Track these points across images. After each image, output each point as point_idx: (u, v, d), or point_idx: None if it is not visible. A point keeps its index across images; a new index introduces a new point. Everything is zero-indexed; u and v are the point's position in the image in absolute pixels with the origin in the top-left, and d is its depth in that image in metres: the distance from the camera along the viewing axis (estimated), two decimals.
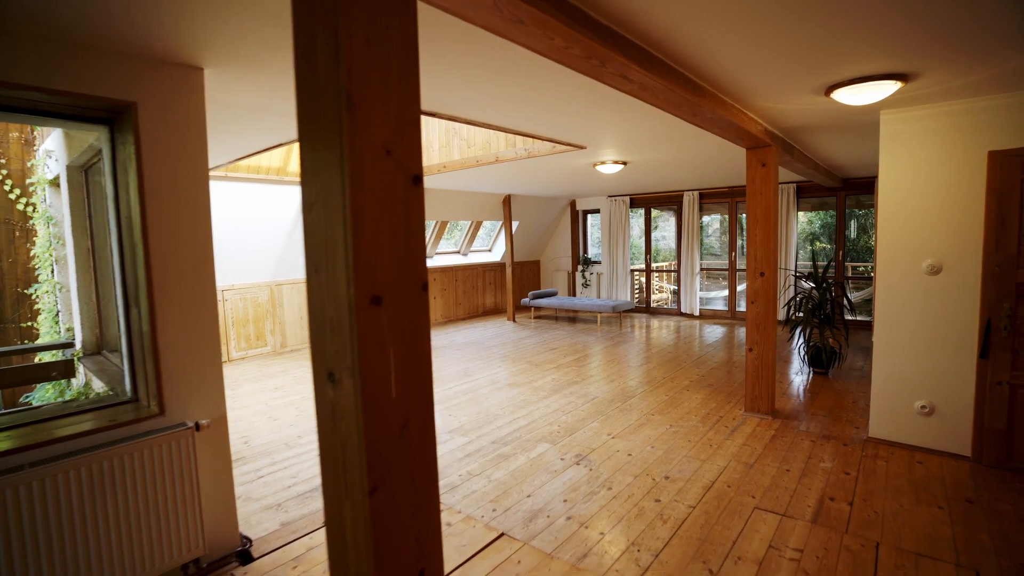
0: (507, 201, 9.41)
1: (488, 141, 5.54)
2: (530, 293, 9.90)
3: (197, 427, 2.36)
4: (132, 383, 2.40)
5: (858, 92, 2.83)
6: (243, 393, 5.45)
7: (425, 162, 6.18)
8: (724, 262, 10.00)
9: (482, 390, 5.34)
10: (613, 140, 4.55)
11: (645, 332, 8.46)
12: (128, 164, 2.23)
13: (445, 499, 3.14)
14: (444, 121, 5.87)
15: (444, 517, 3.02)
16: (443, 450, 3.85)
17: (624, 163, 5.87)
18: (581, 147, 4.79)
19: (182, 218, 2.30)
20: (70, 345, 3.48)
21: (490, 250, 11.02)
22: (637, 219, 10.58)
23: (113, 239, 2.38)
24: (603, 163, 5.83)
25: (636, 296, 10.77)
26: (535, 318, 10.01)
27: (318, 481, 3.43)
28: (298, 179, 6.52)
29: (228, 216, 6.12)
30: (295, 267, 7.23)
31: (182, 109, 2.29)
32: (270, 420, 4.65)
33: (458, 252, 10.36)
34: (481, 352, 7.14)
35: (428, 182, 7.03)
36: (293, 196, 6.56)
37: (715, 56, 2.38)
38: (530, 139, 5.08)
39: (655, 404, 4.75)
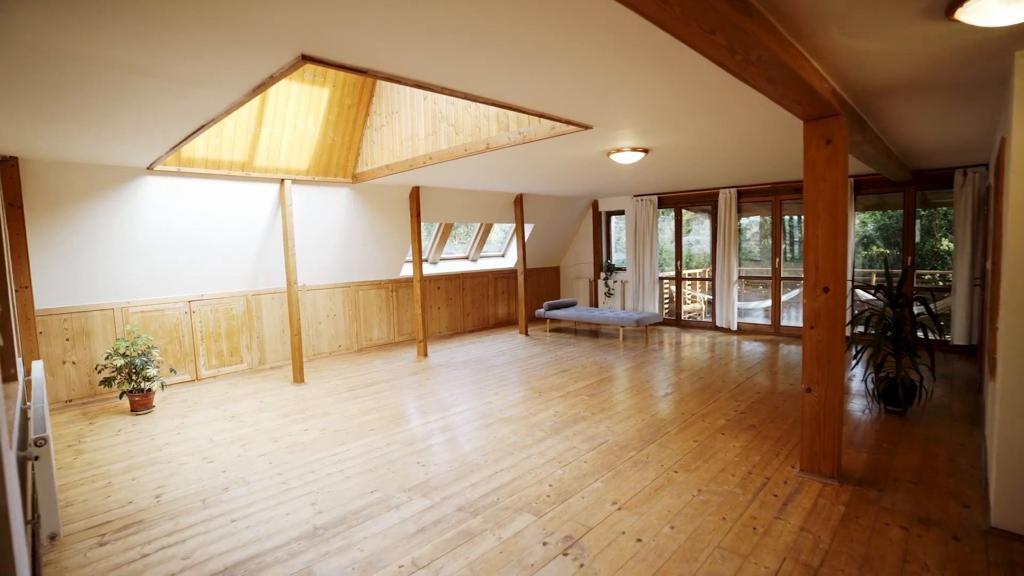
0: (519, 201, 8.47)
1: (477, 125, 4.62)
2: (545, 303, 8.91)
3: None
4: None
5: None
6: (193, 422, 4.66)
7: (410, 153, 5.30)
8: (766, 269, 8.77)
9: (465, 427, 4.40)
10: (627, 115, 3.55)
11: (674, 350, 7.35)
12: None
13: None
14: (428, 103, 4.99)
15: None
16: (392, 520, 2.91)
17: (645, 150, 4.84)
18: (587, 127, 3.81)
19: None
20: None
21: (503, 255, 10.10)
22: (667, 221, 9.46)
23: None
24: (619, 151, 4.82)
25: (665, 307, 9.63)
26: (551, 331, 9.01)
27: (214, 566, 2.54)
28: (269, 174, 5.96)
29: (189, 218, 5.38)
30: (274, 274, 6.47)
31: None
32: (203, 462, 3.82)
33: (466, 258, 9.47)
34: (480, 373, 6.20)
35: (418, 178, 6.16)
36: (264, 194, 5.79)
37: None
38: (525, 118, 4.13)
39: (680, 454, 3.70)
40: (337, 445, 4.07)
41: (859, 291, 7.75)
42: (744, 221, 11.37)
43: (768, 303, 8.58)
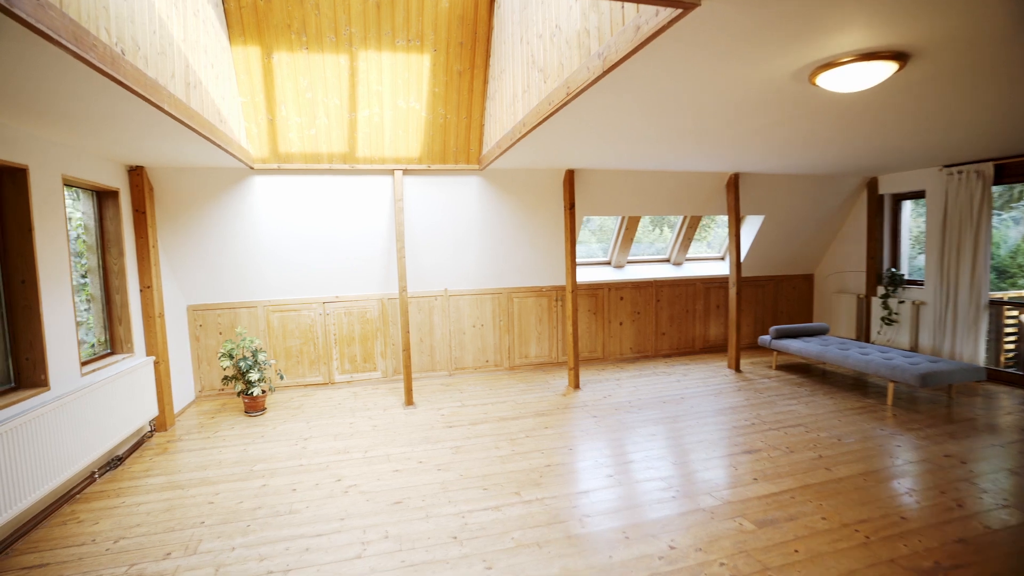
0: (732, 184, 6.01)
1: (560, 60, 2.92)
2: (772, 329, 6.19)
3: None
4: None
5: None
6: (274, 436, 4.30)
7: (511, 121, 3.88)
8: None
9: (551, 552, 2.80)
10: None
11: (1000, 444, 3.97)
12: None
13: None
14: (523, 47, 3.52)
15: None
16: None
17: (900, 60, 2.30)
18: (689, 3, 1.78)
19: None
20: None
21: (723, 257, 7.57)
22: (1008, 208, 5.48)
23: None
24: (837, 63, 2.39)
25: (1008, 350, 5.65)
26: (777, 368, 6.22)
27: None
28: (376, 165, 5.19)
29: (298, 216, 5.10)
30: (409, 276, 5.86)
31: None
32: (234, 499, 3.27)
33: (667, 260, 7.36)
34: (633, 430, 4.35)
35: (564, 155, 4.62)
36: (377, 187, 5.14)
37: None
38: (606, 23, 2.30)
39: None
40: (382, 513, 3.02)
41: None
42: None
43: None
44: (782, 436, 4.12)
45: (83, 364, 3.68)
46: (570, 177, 5.43)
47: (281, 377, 5.19)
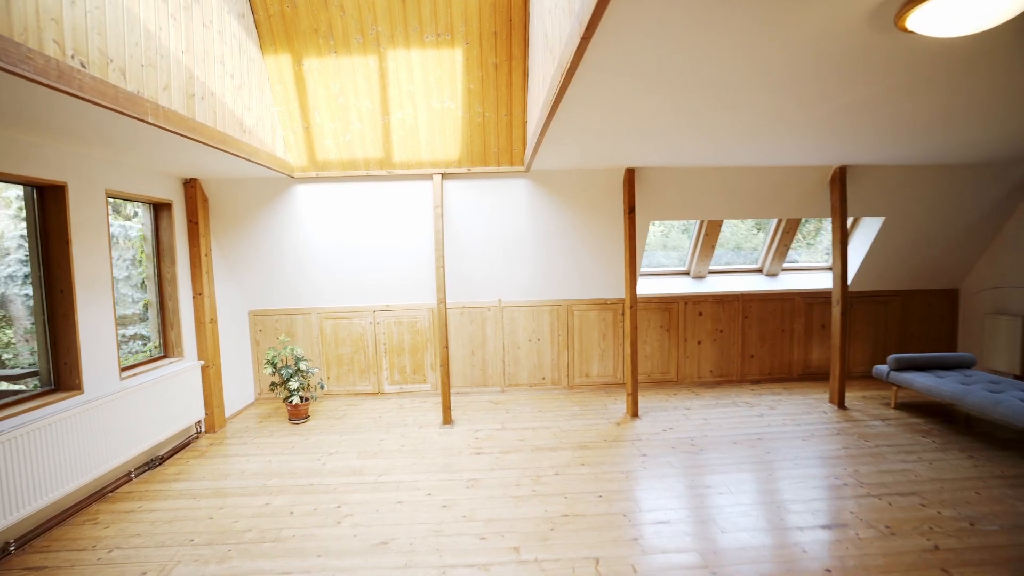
0: (838, 179, 4.93)
1: (559, 35, 2.41)
2: (891, 359, 4.98)
3: None
4: None
5: None
6: (302, 449, 4.25)
7: (538, 112, 3.42)
8: None
9: None
10: None
11: None
12: None
13: None
14: (538, 24, 3.07)
15: None
16: None
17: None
18: None
19: None
20: None
21: (831, 269, 6.32)
22: None
23: None
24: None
25: None
26: (896, 408, 4.98)
27: None
28: (413, 170, 4.88)
29: (342, 224, 5.02)
30: (458, 286, 5.58)
31: None
32: (228, 521, 3.22)
33: (759, 270, 6.31)
34: (697, 478, 3.66)
35: (620, 153, 4.04)
36: (417, 194, 4.90)
37: None
38: None
39: None
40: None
41: None
42: None
43: None
44: (884, 508, 3.16)
45: (124, 369, 3.87)
46: (630, 177, 4.78)
47: (322, 387, 5.18)
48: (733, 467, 3.76)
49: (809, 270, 6.39)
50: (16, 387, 3.41)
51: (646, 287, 5.99)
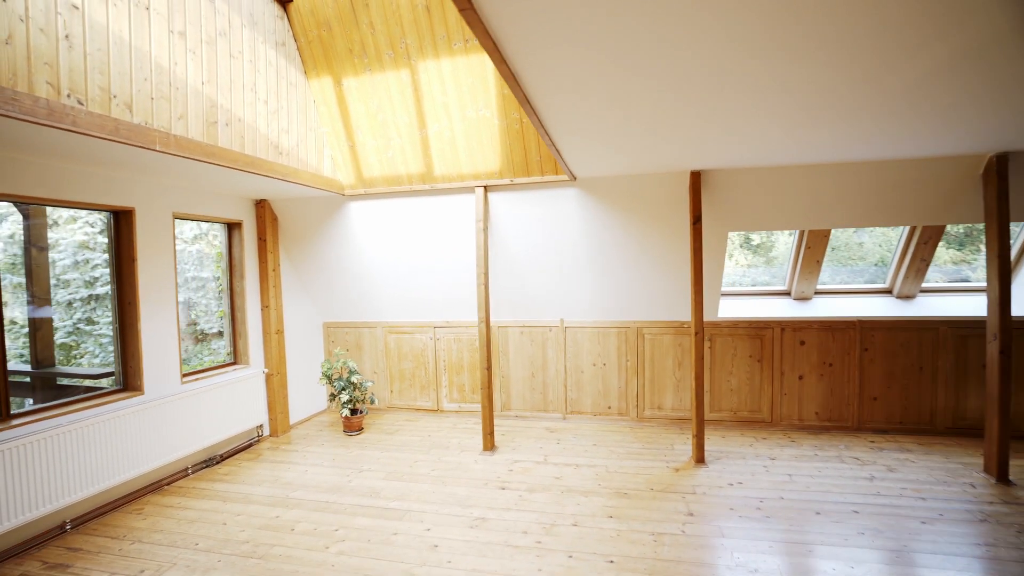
0: (993, 171, 3.71)
1: None
2: None
3: None
4: None
5: None
6: (342, 465, 4.32)
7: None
8: None
9: None
10: None
11: None
12: None
13: None
14: None
15: None
16: None
17: None
18: None
19: None
20: None
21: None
22: None
23: None
24: None
25: None
26: None
27: None
28: (454, 183, 4.55)
29: (393, 240, 5.02)
30: (517, 304, 5.30)
31: None
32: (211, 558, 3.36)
33: (888, 291, 5.03)
34: (763, 552, 2.98)
35: (683, 153, 3.50)
36: (462, 208, 4.72)
37: None
38: None
39: None
40: None
41: None
42: None
43: None
44: None
45: (186, 374, 4.26)
46: (696, 182, 4.10)
47: (373, 401, 5.23)
48: (805, 550, 2.93)
49: (960, 291, 4.95)
50: (98, 384, 3.94)
51: (733, 309, 5.12)
